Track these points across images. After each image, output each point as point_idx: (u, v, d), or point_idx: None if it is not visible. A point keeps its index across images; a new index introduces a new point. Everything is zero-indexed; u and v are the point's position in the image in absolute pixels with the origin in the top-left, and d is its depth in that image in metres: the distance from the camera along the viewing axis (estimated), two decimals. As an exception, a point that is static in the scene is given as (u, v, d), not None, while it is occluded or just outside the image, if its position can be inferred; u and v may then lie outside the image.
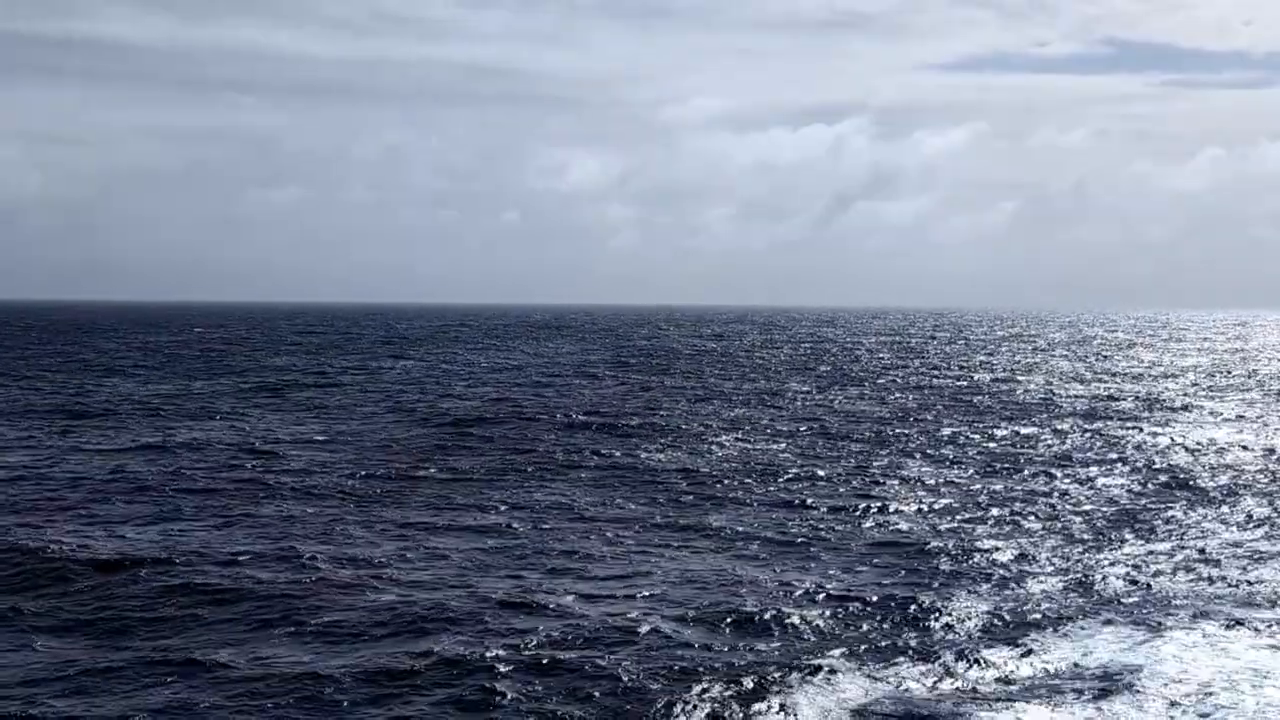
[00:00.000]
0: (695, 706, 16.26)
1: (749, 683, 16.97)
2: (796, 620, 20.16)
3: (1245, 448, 42.94)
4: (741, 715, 16.14)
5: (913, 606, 21.04)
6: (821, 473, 36.72)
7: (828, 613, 20.66)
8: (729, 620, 20.19)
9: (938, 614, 20.65)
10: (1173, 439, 45.18)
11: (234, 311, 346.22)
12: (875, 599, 21.69)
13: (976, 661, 18.42)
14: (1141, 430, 47.93)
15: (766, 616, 20.31)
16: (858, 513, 30.55)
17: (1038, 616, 20.82)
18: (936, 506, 31.30)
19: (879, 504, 31.41)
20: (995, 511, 30.67)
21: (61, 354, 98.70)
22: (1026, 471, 37.42)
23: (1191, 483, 35.33)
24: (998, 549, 26.20)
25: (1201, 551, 26.39)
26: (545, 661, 17.72)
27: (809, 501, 31.90)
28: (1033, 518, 30.02)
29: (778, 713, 16.24)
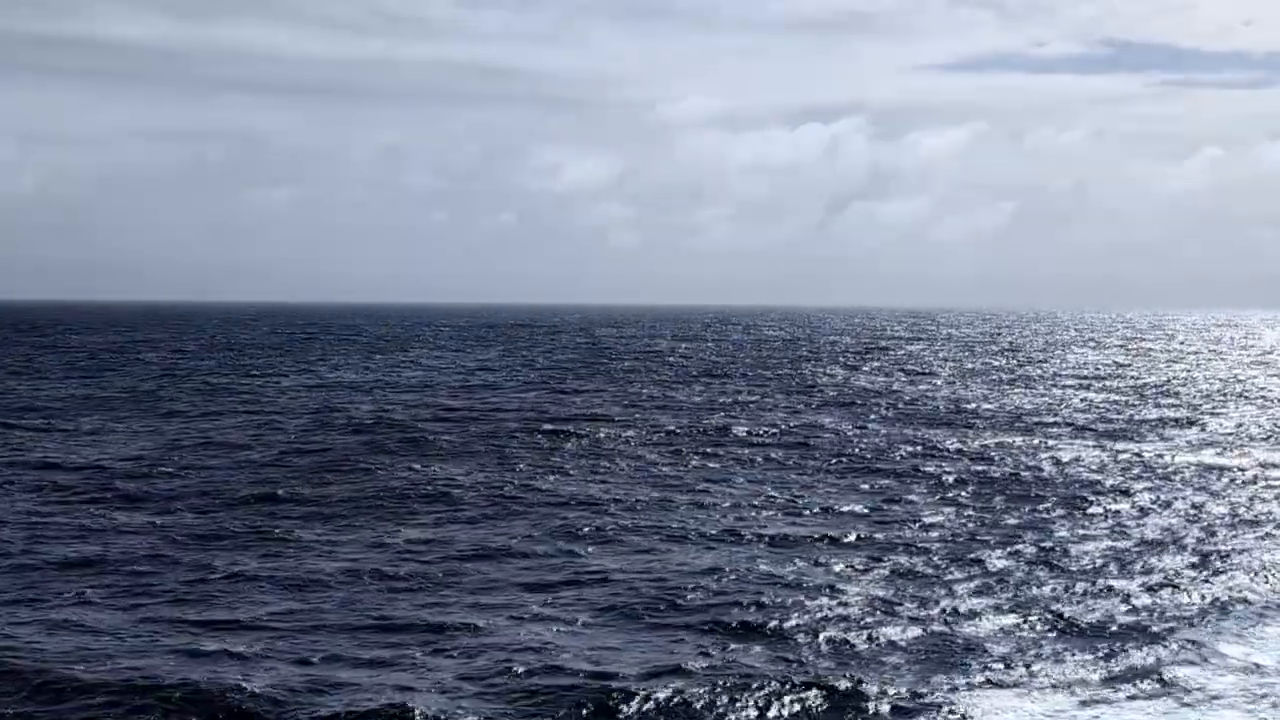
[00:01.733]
0: None
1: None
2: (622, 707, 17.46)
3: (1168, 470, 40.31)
4: None
5: (755, 690, 18.28)
6: (724, 498, 34.17)
7: (659, 694, 17.86)
8: (525, 703, 17.51)
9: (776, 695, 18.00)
10: (1101, 456, 42.43)
11: (225, 312, 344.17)
12: (727, 671, 19.09)
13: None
14: (1067, 445, 45.24)
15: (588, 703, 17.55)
16: (744, 543, 28.09)
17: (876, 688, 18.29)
18: (828, 538, 28.60)
19: (774, 534, 28.92)
20: (897, 539, 28.03)
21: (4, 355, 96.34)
22: (936, 496, 34.60)
23: (1081, 508, 32.71)
24: (883, 600, 23.62)
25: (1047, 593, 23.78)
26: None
27: (706, 532, 29.32)
28: (915, 554, 27.28)
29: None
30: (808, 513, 32.14)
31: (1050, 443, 46.15)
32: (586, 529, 29.73)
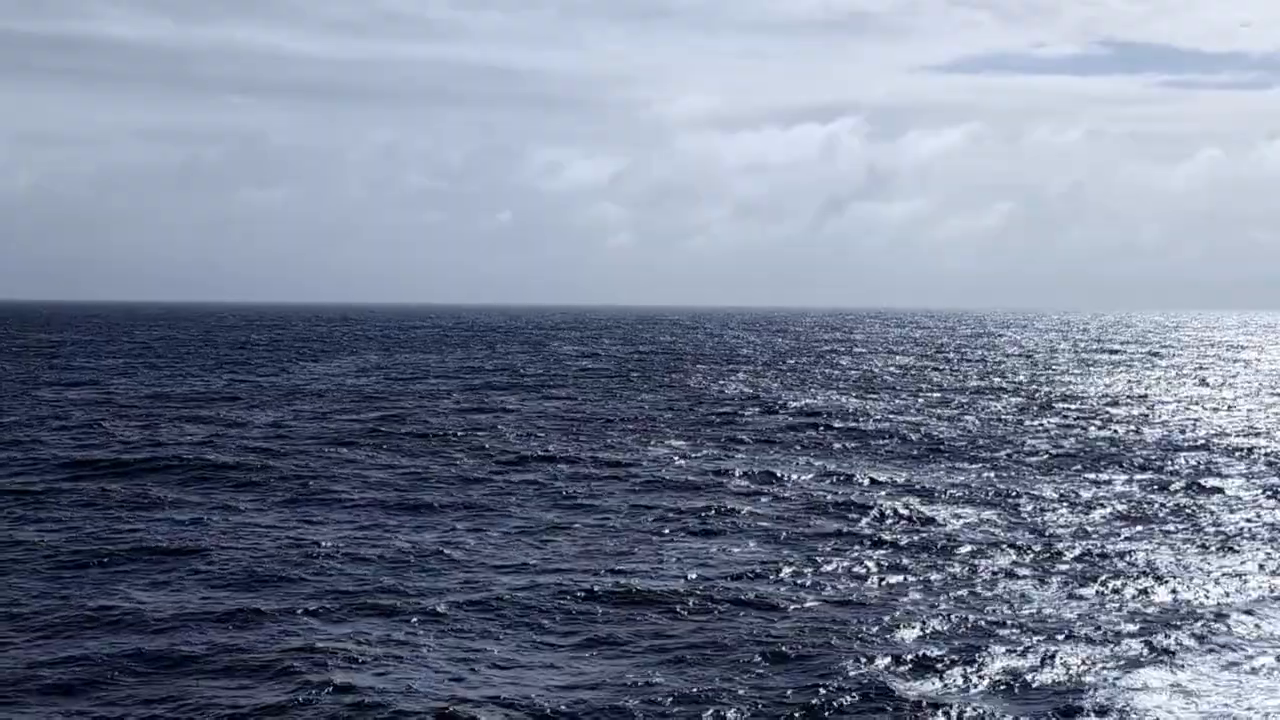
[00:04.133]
0: None
1: None
2: None
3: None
4: None
5: None
6: (568, 546, 27.72)
7: None
8: None
9: None
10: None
11: (217, 313, 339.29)
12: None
13: None
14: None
15: None
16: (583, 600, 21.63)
17: None
18: (645, 600, 22.08)
19: (610, 603, 22.39)
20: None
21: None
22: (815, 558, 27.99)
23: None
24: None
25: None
26: None
27: (521, 606, 22.84)
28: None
29: None
30: (654, 573, 25.37)
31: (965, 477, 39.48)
32: (364, 594, 23.16)
